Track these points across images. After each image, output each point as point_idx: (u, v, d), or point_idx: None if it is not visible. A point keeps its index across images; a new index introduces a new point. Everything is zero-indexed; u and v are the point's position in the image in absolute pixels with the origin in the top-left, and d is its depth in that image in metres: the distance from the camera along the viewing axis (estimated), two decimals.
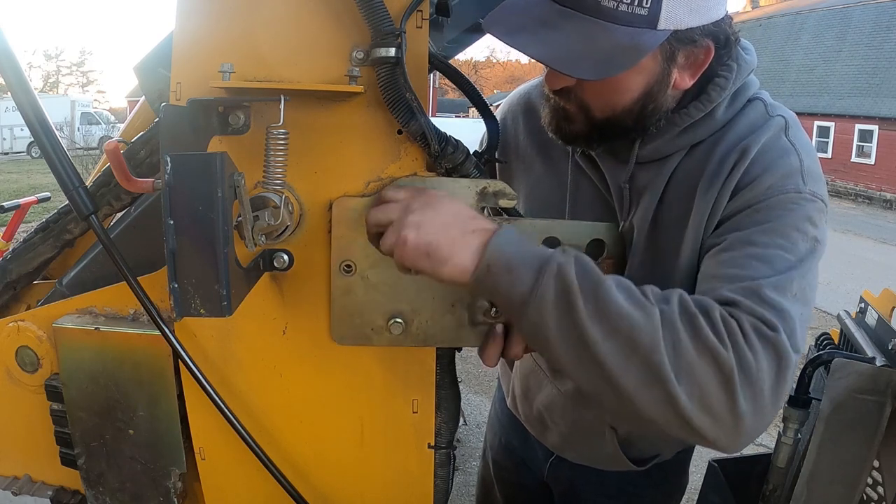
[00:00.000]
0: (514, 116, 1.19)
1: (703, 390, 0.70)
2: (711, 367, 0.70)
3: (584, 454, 1.27)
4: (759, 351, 0.72)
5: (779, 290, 0.77)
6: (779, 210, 0.85)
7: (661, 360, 0.70)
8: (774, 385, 0.72)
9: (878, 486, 1.34)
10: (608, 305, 0.72)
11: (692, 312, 0.73)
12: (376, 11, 0.80)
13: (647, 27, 0.79)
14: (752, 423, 0.71)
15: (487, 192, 0.88)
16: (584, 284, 0.72)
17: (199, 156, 0.73)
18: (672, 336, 0.71)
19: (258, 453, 0.93)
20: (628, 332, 0.71)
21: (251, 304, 0.91)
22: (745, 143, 0.90)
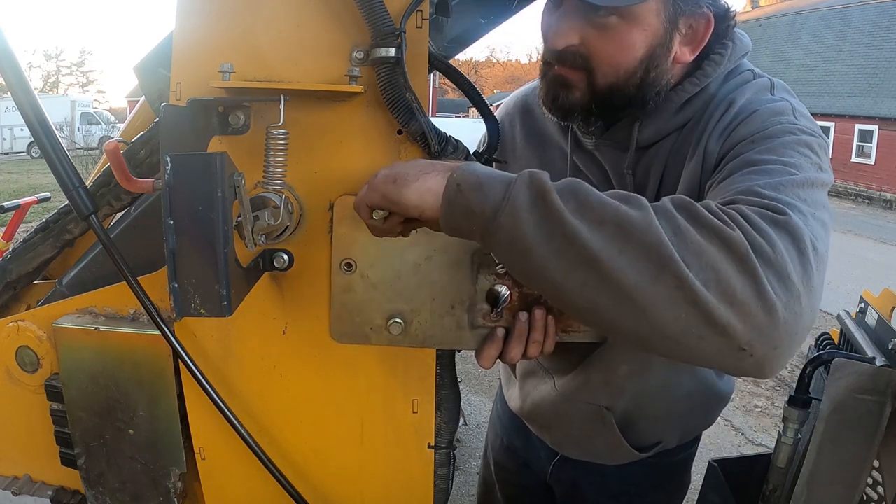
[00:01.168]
0: (511, 119, 1.20)
1: (719, 274, 0.59)
2: (721, 248, 0.60)
3: (584, 448, 1.26)
4: (770, 233, 0.62)
5: (779, 190, 0.69)
6: (776, 136, 0.81)
7: (661, 240, 0.60)
8: (801, 269, 0.61)
9: (878, 486, 1.34)
10: (589, 198, 0.63)
11: (686, 202, 0.64)
12: (376, 11, 0.80)
13: None
14: (788, 315, 0.59)
15: None
16: (560, 185, 0.65)
17: (199, 156, 0.73)
18: (670, 223, 0.62)
19: (258, 453, 0.93)
20: (616, 219, 0.62)
21: (251, 304, 0.91)
22: (731, 96, 0.91)
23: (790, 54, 21.23)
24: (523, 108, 1.19)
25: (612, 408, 1.17)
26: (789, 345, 0.60)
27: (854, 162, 18.47)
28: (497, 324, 0.92)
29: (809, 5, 21.85)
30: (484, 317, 0.92)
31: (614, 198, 0.65)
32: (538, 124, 1.16)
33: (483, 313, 0.92)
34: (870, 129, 18.10)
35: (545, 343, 0.89)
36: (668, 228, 0.61)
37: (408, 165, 0.74)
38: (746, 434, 3.85)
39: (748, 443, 3.78)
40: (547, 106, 0.98)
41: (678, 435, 1.27)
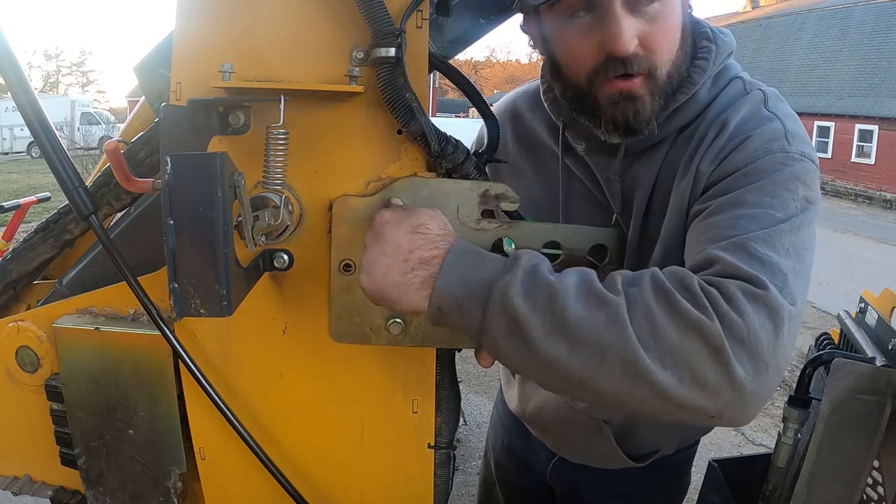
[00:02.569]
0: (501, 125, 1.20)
1: (693, 370, 0.65)
2: (697, 341, 0.65)
3: (581, 453, 1.27)
4: (748, 312, 0.67)
5: (767, 244, 0.73)
6: (766, 171, 0.82)
7: (636, 356, 0.65)
8: (773, 342, 0.67)
9: (878, 486, 1.34)
10: (565, 317, 0.67)
11: (667, 290, 0.68)
12: (376, 11, 0.80)
13: None
14: (756, 386, 0.66)
15: (489, 194, 0.88)
16: (534, 303, 0.68)
17: (199, 156, 0.73)
18: (648, 323, 0.66)
19: (258, 453, 0.93)
20: (594, 339, 0.66)
21: (251, 304, 0.91)
22: (724, 116, 0.91)
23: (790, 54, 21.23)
24: (512, 114, 1.20)
25: (609, 421, 1.17)
26: (756, 407, 0.68)
27: (854, 162, 18.47)
28: None
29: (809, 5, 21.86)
30: None
31: (593, 301, 0.68)
32: (528, 129, 1.17)
33: None
34: (870, 129, 18.10)
35: None
36: (646, 330, 0.66)
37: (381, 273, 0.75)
38: (746, 434, 3.85)
39: (748, 443, 3.78)
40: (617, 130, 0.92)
41: (676, 442, 1.27)
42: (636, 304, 0.68)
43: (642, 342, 0.66)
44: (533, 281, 0.69)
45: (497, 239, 0.91)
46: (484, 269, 0.72)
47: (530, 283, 0.69)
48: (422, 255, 0.74)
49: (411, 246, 0.75)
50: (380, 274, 0.75)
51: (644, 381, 0.66)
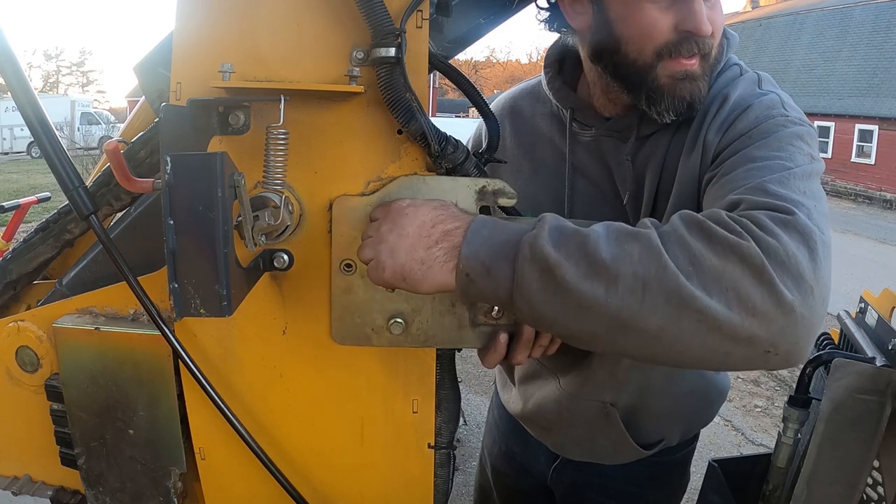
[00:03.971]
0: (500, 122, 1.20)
1: (739, 293, 0.63)
2: (739, 264, 0.63)
3: (587, 448, 1.26)
4: (780, 234, 0.65)
5: (784, 185, 0.74)
6: (770, 131, 0.87)
7: (678, 282, 0.63)
8: (811, 264, 0.65)
9: (878, 486, 1.34)
10: (598, 255, 0.65)
11: (699, 220, 0.67)
12: (376, 11, 0.80)
13: None
14: (805, 310, 0.64)
15: (487, 190, 0.88)
16: (566, 250, 0.66)
17: (199, 156, 0.73)
18: (684, 250, 0.65)
19: (258, 453, 0.93)
20: (631, 271, 0.64)
21: (251, 304, 0.91)
22: (724, 92, 0.96)
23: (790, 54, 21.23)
24: (511, 111, 1.21)
25: (616, 403, 1.18)
26: (809, 336, 0.65)
27: (854, 162, 18.48)
28: (498, 321, 0.92)
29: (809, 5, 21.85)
30: (485, 315, 0.92)
31: (623, 238, 0.66)
32: (527, 126, 1.17)
33: (484, 311, 0.92)
34: (870, 129, 18.10)
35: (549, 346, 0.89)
36: (684, 259, 0.64)
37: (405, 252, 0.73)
38: (746, 434, 3.86)
39: (748, 443, 3.78)
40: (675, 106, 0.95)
41: (680, 432, 1.27)
42: (669, 236, 0.66)
43: (682, 270, 0.63)
44: (560, 232, 0.69)
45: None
46: (507, 230, 0.71)
47: (558, 234, 0.68)
48: (444, 227, 0.74)
49: (434, 220, 0.75)
50: (402, 254, 0.74)
51: (691, 311, 0.63)
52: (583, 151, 1.08)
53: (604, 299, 0.64)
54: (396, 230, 0.76)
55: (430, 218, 0.75)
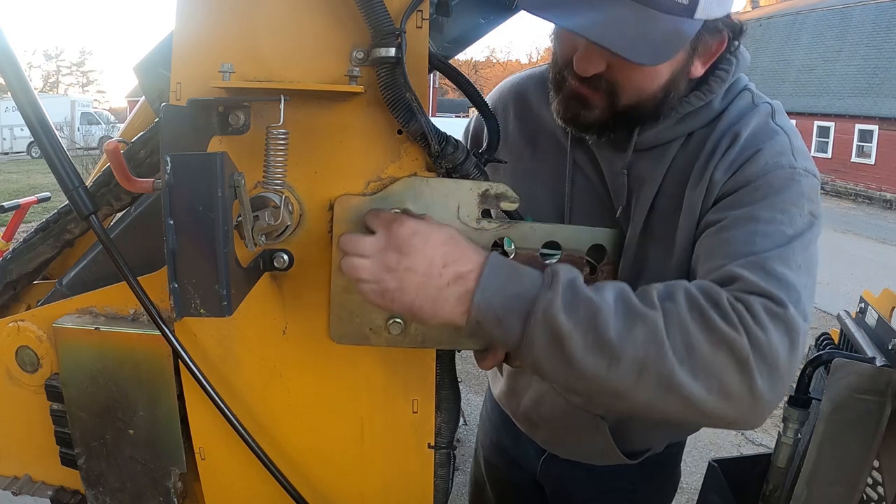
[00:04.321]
0: (504, 106, 1.20)
1: (721, 381, 0.71)
2: (728, 357, 0.71)
3: (574, 449, 1.27)
4: (770, 329, 0.72)
5: (783, 262, 0.78)
6: (776, 186, 0.87)
7: (672, 370, 0.70)
8: (788, 357, 0.73)
9: (878, 486, 1.34)
10: (607, 333, 0.71)
11: (700, 305, 0.73)
12: (376, 11, 0.80)
13: (686, 16, 0.81)
14: (771, 395, 0.72)
15: (489, 194, 0.88)
16: (576, 320, 0.71)
17: (199, 156, 0.73)
18: (683, 336, 0.71)
19: (258, 453, 0.93)
20: (632, 355, 0.70)
21: (251, 304, 0.91)
22: (736, 128, 0.94)
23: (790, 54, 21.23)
24: (517, 95, 1.19)
25: (606, 416, 1.18)
26: (769, 411, 0.75)
27: (854, 162, 18.47)
28: None
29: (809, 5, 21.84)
30: None
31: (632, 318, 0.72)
32: (532, 114, 1.15)
33: None
34: (870, 129, 18.10)
35: None
36: (681, 344, 0.71)
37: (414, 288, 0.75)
38: (746, 434, 3.85)
39: (748, 443, 3.78)
40: (564, 120, 0.99)
41: (667, 441, 1.27)
42: (672, 318, 0.72)
43: (678, 355, 0.71)
44: (574, 297, 0.73)
45: (497, 239, 0.91)
46: (521, 282, 0.74)
47: (571, 298, 0.72)
48: (457, 269, 0.75)
49: (445, 260, 0.76)
50: (412, 290, 0.75)
51: (677, 394, 0.71)
52: (583, 153, 1.07)
53: (604, 374, 0.71)
54: (404, 263, 0.76)
55: (440, 255, 0.76)
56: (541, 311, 0.72)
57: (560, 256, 0.93)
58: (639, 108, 0.93)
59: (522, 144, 1.15)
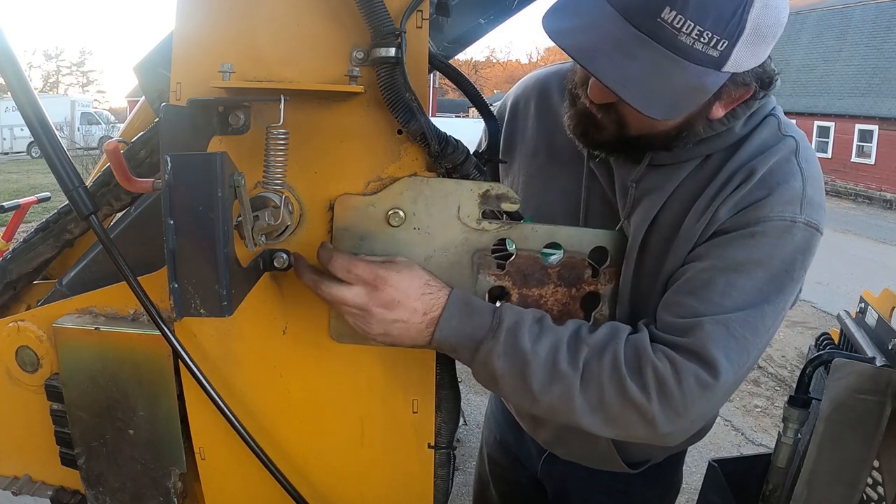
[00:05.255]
0: (526, 101, 1.18)
1: (628, 431, 0.86)
2: (635, 415, 0.84)
3: (576, 452, 1.27)
4: (689, 394, 0.82)
5: (749, 326, 0.85)
6: (772, 239, 0.87)
7: (581, 421, 0.86)
8: (701, 412, 0.85)
9: (878, 486, 1.34)
10: (529, 384, 0.84)
11: (621, 375, 0.83)
12: (376, 11, 0.80)
13: (713, 68, 0.79)
14: (677, 432, 0.86)
15: (490, 195, 0.88)
16: (509, 367, 0.85)
17: (199, 156, 0.73)
18: (598, 394, 0.84)
19: (258, 453, 0.93)
20: (548, 402, 0.85)
21: (251, 304, 0.91)
22: (753, 164, 0.91)
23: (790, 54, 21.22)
24: (542, 91, 1.16)
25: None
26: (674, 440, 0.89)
27: (854, 162, 18.47)
28: None
29: (809, 5, 21.84)
30: None
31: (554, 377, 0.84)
32: (553, 111, 1.12)
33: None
34: (870, 129, 18.09)
35: None
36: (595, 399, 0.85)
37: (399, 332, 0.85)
38: (746, 434, 3.85)
39: (748, 443, 3.78)
40: (575, 135, 0.98)
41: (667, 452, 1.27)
42: (591, 378, 0.84)
43: (590, 405, 0.85)
44: (513, 345, 0.84)
45: (498, 240, 0.91)
46: (472, 323, 0.86)
47: (510, 347, 0.85)
48: (433, 315, 0.86)
49: (424, 308, 0.85)
50: (395, 333, 0.85)
51: (589, 432, 0.88)
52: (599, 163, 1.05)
53: (528, 407, 0.89)
54: (390, 317, 0.84)
55: (420, 305, 0.85)
56: (483, 355, 0.85)
57: (562, 258, 0.93)
58: (648, 139, 0.93)
59: (540, 142, 1.14)
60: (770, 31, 0.80)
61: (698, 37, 0.75)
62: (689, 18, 0.74)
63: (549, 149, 1.13)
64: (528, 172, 1.14)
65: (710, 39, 0.76)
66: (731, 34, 0.76)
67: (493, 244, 0.91)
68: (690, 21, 0.75)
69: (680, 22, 0.75)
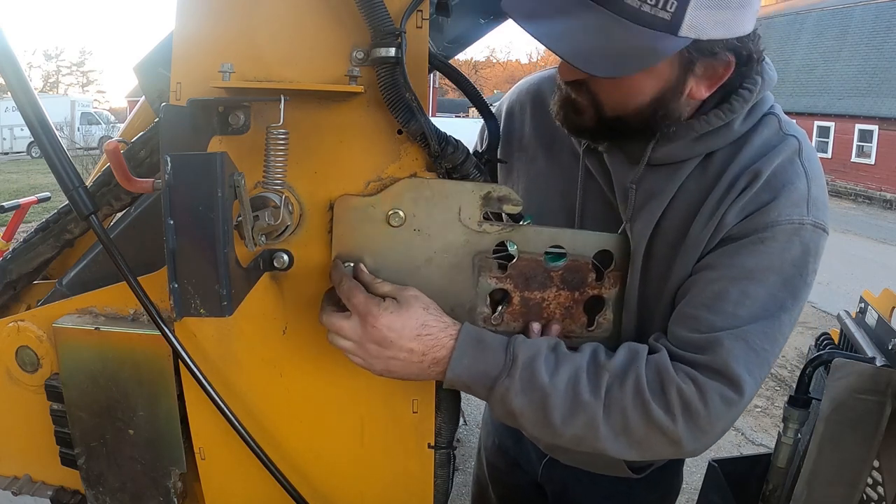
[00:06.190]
0: (521, 106, 1.18)
1: (653, 452, 0.86)
2: (661, 437, 0.83)
3: (579, 458, 1.26)
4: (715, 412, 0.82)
5: (767, 337, 0.85)
6: (781, 243, 0.87)
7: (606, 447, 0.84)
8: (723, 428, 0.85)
9: (878, 486, 1.34)
10: (551, 418, 0.83)
11: (644, 399, 0.82)
12: (376, 11, 0.80)
13: (667, 32, 0.78)
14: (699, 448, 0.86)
15: (492, 196, 0.88)
16: (527, 403, 0.83)
17: (199, 156, 0.73)
18: (622, 420, 0.83)
19: (258, 453, 0.93)
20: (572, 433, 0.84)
21: (251, 304, 0.91)
22: (757, 167, 0.90)
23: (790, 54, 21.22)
24: (536, 96, 1.16)
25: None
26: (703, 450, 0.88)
27: (854, 162, 18.46)
28: (497, 327, 0.92)
29: (809, 5, 21.83)
30: (484, 320, 0.92)
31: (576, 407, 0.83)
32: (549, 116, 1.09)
33: (483, 316, 0.92)
34: (870, 129, 18.09)
35: None
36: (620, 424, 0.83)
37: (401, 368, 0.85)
38: (746, 434, 3.85)
39: (748, 443, 3.78)
40: (558, 121, 0.98)
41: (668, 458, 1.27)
42: (615, 404, 0.83)
43: (614, 431, 0.84)
44: (529, 381, 0.83)
45: (499, 242, 0.90)
46: (485, 361, 0.85)
47: (527, 383, 0.83)
48: (435, 356, 0.85)
49: (423, 349, 0.84)
50: (398, 370, 0.85)
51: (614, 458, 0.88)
52: (597, 161, 1.04)
53: (548, 440, 0.87)
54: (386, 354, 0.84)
55: (417, 346, 0.84)
56: (499, 394, 0.84)
57: (566, 261, 0.92)
58: (625, 120, 0.91)
59: (537, 146, 1.14)
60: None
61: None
62: None
63: (547, 152, 1.12)
64: (528, 176, 1.14)
65: (657, 1, 0.76)
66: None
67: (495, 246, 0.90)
68: None
69: None
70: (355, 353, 0.85)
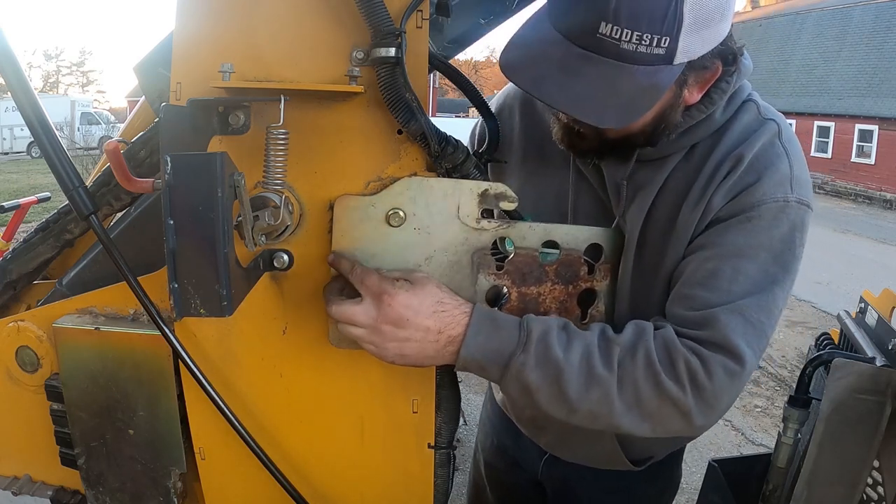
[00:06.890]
0: (510, 109, 1.19)
1: (664, 425, 0.86)
2: (672, 409, 0.84)
3: (580, 453, 1.27)
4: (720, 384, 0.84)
5: (763, 309, 0.87)
6: (769, 221, 0.90)
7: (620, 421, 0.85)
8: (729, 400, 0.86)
9: (878, 486, 1.34)
10: (566, 392, 0.84)
11: (655, 370, 0.84)
12: (376, 11, 0.80)
13: (664, 64, 0.80)
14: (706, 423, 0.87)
15: (489, 194, 0.88)
16: (542, 377, 0.84)
17: (199, 156, 0.73)
18: (635, 392, 0.84)
19: (258, 453, 0.93)
20: (587, 408, 0.85)
21: (251, 304, 0.91)
22: (739, 151, 0.93)
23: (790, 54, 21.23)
24: (524, 99, 1.17)
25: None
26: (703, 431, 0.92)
27: (854, 162, 18.47)
28: None
29: (809, 5, 21.84)
30: None
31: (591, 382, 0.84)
32: (538, 118, 1.14)
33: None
34: (870, 129, 18.09)
35: None
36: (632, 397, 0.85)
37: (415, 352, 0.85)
38: (746, 434, 3.86)
39: (748, 443, 3.78)
40: (562, 146, 1.00)
41: (668, 449, 1.28)
42: (627, 377, 0.84)
43: (627, 404, 0.84)
44: (544, 355, 0.84)
45: (497, 238, 0.91)
46: (500, 338, 0.85)
47: (542, 357, 0.84)
48: (451, 333, 0.85)
49: (439, 327, 0.84)
50: (412, 353, 0.85)
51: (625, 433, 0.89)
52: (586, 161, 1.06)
53: (563, 417, 0.87)
54: (401, 335, 0.84)
55: (434, 323, 0.84)
56: (514, 370, 0.84)
57: (559, 256, 0.93)
58: (629, 140, 0.94)
59: (529, 147, 1.15)
60: (714, 13, 0.80)
61: (639, 41, 0.77)
62: (626, 27, 0.76)
63: (538, 152, 1.14)
64: (520, 177, 1.14)
65: (651, 40, 0.77)
66: (670, 30, 0.77)
67: (493, 243, 0.91)
68: (627, 29, 0.76)
69: (618, 32, 0.77)
70: (368, 339, 0.84)
